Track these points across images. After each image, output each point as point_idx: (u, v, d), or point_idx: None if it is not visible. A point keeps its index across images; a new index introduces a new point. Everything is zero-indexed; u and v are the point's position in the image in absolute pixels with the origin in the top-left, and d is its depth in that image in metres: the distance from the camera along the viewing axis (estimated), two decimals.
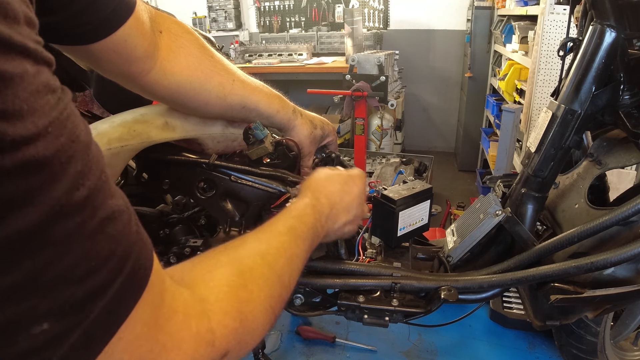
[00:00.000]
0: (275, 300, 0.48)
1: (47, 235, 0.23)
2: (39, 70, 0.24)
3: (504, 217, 0.99)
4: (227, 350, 0.39)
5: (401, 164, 3.00)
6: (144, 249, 0.31)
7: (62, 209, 0.24)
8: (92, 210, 0.26)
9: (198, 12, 4.71)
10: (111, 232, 0.27)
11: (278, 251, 0.53)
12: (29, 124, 0.22)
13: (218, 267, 0.45)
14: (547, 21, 1.97)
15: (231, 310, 0.41)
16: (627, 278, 0.90)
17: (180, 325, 0.34)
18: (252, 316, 0.43)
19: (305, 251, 0.59)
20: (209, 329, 0.37)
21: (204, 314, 0.38)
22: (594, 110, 0.95)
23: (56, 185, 0.23)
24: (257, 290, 0.45)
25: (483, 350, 1.71)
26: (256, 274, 0.47)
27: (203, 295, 0.39)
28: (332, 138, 1.04)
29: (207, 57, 0.77)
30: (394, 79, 3.39)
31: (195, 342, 0.35)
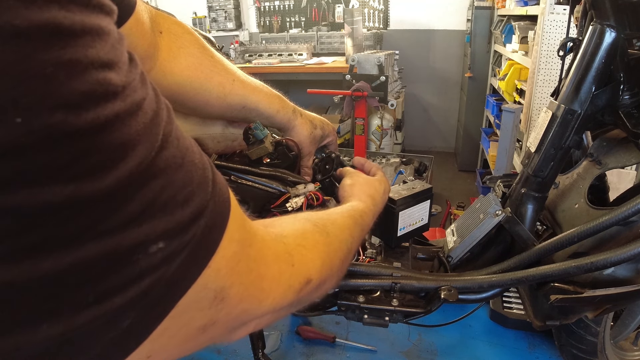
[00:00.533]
0: (344, 257, 0.52)
1: (155, 166, 0.26)
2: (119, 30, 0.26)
3: (504, 217, 0.99)
4: (309, 276, 0.42)
5: (401, 164, 3.00)
6: (219, 176, 0.34)
7: (162, 143, 0.27)
8: (178, 141, 0.29)
9: (198, 12, 4.71)
10: (195, 160, 0.30)
11: (344, 225, 0.58)
12: (127, 72, 0.25)
13: (295, 221, 0.49)
14: (547, 21, 1.97)
15: (307, 245, 0.44)
16: (627, 278, 0.90)
17: (260, 244, 0.38)
18: (327, 255, 0.47)
19: (359, 240, 0.64)
20: (286, 251, 0.41)
21: (279, 240, 0.41)
22: (594, 110, 0.95)
23: (154, 123, 0.26)
24: (331, 240, 0.50)
25: (483, 350, 1.71)
26: (329, 230, 0.51)
27: (278, 232, 0.43)
28: (332, 138, 1.04)
29: (207, 57, 0.77)
30: (394, 79, 3.39)
31: (276, 259, 0.39)
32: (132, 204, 0.24)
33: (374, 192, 0.79)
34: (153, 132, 0.26)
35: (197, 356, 1.69)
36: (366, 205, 0.73)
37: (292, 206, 0.86)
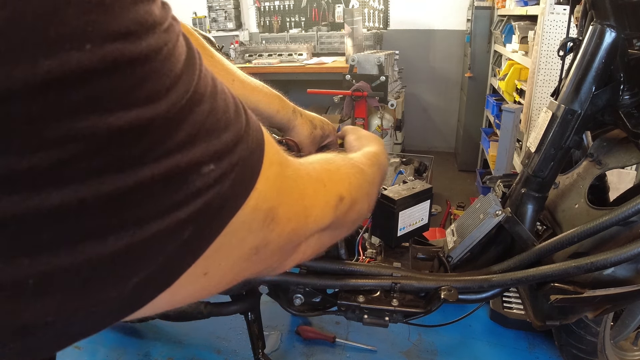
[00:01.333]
0: (369, 186, 0.53)
1: (199, 93, 0.28)
2: None
3: (504, 217, 0.99)
4: (341, 194, 0.44)
5: (401, 164, 3.00)
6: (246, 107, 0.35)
7: (199, 73, 0.28)
8: (207, 73, 0.30)
9: (198, 12, 4.71)
10: (225, 90, 0.32)
11: (362, 159, 0.59)
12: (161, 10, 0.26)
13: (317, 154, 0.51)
14: (547, 21, 1.97)
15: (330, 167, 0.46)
16: (627, 278, 0.90)
17: (295, 166, 0.39)
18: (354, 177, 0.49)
19: (379, 181, 0.64)
20: (316, 172, 0.43)
21: (307, 164, 0.43)
22: (594, 110, 0.95)
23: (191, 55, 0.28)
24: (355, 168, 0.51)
25: (483, 350, 1.71)
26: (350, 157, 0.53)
27: (303, 159, 0.45)
28: (333, 138, 1.04)
29: (206, 57, 0.77)
30: (394, 79, 3.39)
31: (308, 179, 0.41)
32: (184, 128, 0.26)
33: (379, 140, 0.80)
34: (192, 62, 0.28)
35: (198, 356, 1.70)
36: (379, 148, 0.73)
37: None
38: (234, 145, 0.30)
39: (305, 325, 1.81)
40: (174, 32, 0.27)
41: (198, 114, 0.28)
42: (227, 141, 0.30)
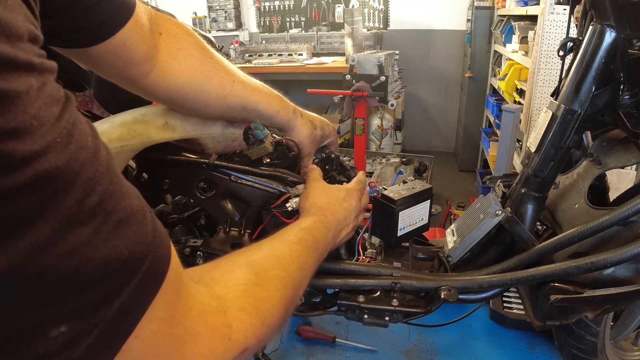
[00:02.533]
0: (289, 301, 0.50)
1: (64, 246, 0.23)
2: (44, 83, 0.24)
3: (504, 217, 0.99)
4: (246, 346, 0.41)
5: (401, 164, 3.00)
6: (161, 247, 0.31)
7: (75, 218, 0.24)
8: (106, 215, 0.26)
9: (198, 12, 4.71)
10: (127, 234, 0.27)
11: (291, 257, 0.56)
12: (38, 138, 0.22)
13: (235, 268, 0.47)
14: (547, 21, 1.97)
15: (248, 307, 0.42)
16: (627, 278, 0.90)
17: (195, 319, 0.36)
18: (269, 313, 0.45)
19: (314, 262, 0.62)
20: (225, 323, 0.39)
21: (220, 309, 0.39)
22: (594, 110, 0.95)
23: (68, 195, 0.24)
24: (274, 289, 0.48)
25: (483, 350, 1.71)
26: (272, 274, 0.49)
27: (220, 294, 0.41)
28: (333, 139, 1.04)
29: (207, 58, 0.77)
30: (394, 79, 3.39)
31: (211, 335, 0.37)
32: (28, 285, 0.22)
33: (326, 202, 0.77)
34: (64, 205, 0.23)
35: None
36: (316, 218, 0.70)
37: (292, 206, 0.86)
38: (103, 303, 0.26)
39: (305, 325, 1.81)
40: (44, 167, 0.22)
41: (56, 268, 0.23)
42: (93, 299, 0.25)
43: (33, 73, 0.23)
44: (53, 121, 0.24)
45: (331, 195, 0.79)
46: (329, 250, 0.73)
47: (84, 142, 0.26)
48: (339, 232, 0.78)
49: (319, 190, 0.80)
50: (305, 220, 0.70)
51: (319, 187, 0.81)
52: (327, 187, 0.82)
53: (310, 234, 0.64)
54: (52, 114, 0.24)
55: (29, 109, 0.22)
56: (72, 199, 0.24)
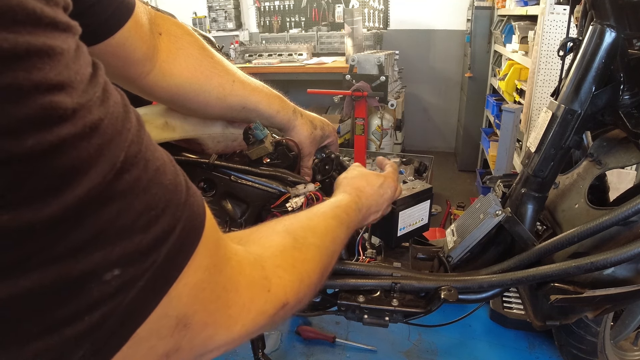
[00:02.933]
0: (324, 267, 0.52)
1: (112, 191, 0.25)
2: (79, 45, 0.26)
3: (504, 217, 0.99)
4: (285, 301, 0.42)
5: (401, 164, 3.00)
6: (196, 197, 0.32)
7: (122, 166, 0.26)
8: (145, 163, 0.27)
9: (198, 12, 4.71)
10: (164, 182, 0.29)
11: (327, 230, 0.58)
12: (82, 93, 0.24)
13: (274, 233, 0.49)
14: (547, 21, 1.97)
15: (286, 266, 0.44)
16: (627, 278, 0.90)
17: (235, 269, 0.37)
18: (307, 274, 0.47)
19: (344, 239, 0.64)
20: (263, 276, 0.40)
21: (258, 263, 0.41)
22: (594, 110, 0.95)
23: (114, 145, 0.25)
24: (310, 254, 0.50)
25: (483, 350, 1.71)
26: (309, 241, 0.51)
27: (257, 252, 0.43)
28: (333, 139, 1.04)
29: (207, 58, 0.77)
30: (394, 79, 3.39)
31: (251, 286, 0.38)
32: (82, 231, 0.23)
33: (364, 185, 0.79)
34: (111, 154, 0.25)
35: None
36: (351, 199, 0.72)
37: (292, 206, 0.86)
38: (152, 248, 0.27)
39: (305, 325, 1.81)
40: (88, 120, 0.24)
41: (105, 213, 0.24)
42: (141, 244, 0.26)
43: (69, 34, 0.25)
44: (89, 79, 0.25)
45: (369, 180, 0.82)
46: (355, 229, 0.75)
47: (118, 98, 0.28)
48: (368, 217, 0.80)
49: (358, 172, 0.83)
50: (342, 198, 0.71)
51: (359, 170, 0.84)
52: (367, 172, 0.84)
53: (345, 212, 0.67)
54: (88, 72, 0.26)
55: (72, 65, 0.24)
56: (118, 149, 0.25)
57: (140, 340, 0.28)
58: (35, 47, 0.22)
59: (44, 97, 0.22)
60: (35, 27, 0.22)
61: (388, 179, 0.85)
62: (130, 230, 0.26)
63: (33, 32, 0.22)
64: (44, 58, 0.22)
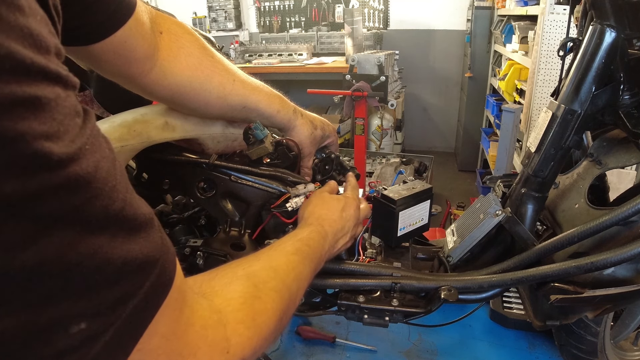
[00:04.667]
0: (284, 312, 0.52)
1: (88, 246, 0.25)
2: (68, 95, 0.26)
3: (504, 217, 0.99)
4: (243, 357, 0.42)
5: (401, 164, 3.00)
6: (168, 254, 0.33)
7: (100, 222, 0.26)
8: (125, 220, 0.28)
9: (198, 12, 4.71)
10: (140, 239, 0.29)
11: (288, 268, 0.57)
12: (69, 143, 0.24)
13: (234, 279, 0.48)
14: (547, 21, 1.97)
15: (246, 320, 0.44)
16: (627, 278, 0.90)
17: (197, 334, 0.37)
18: (265, 325, 0.46)
19: (311, 272, 0.63)
20: (224, 337, 0.40)
21: (220, 323, 0.41)
22: (594, 110, 0.95)
23: (97, 200, 0.26)
24: (270, 302, 0.49)
25: (483, 350, 1.71)
26: (269, 286, 0.51)
27: (220, 307, 0.42)
28: (333, 139, 1.04)
29: (207, 57, 0.77)
30: (394, 79, 3.39)
31: (210, 350, 0.38)
32: (54, 281, 0.23)
33: (325, 212, 0.78)
34: (93, 208, 0.25)
35: None
36: (313, 229, 0.71)
37: (292, 206, 0.86)
38: (120, 303, 0.27)
39: (305, 325, 1.81)
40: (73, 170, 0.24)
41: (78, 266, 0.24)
42: (110, 299, 0.26)
43: (59, 84, 0.25)
44: (78, 130, 0.25)
45: (330, 205, 0.80)
46: (325, 260, 0.74)
47: (105, 152, 0.28)
48: (336, 242, 0.79)
49: (318, 200, 0.81)
50: (302, 230, 0.70)
51: (318, 197, 0.83)
52: (327, 197, 0.83)
53: (306, 244, 0.65)
54: (76, 123, 0.26)
55: (57, 115, 0.24)
56: (100, 205, 0.26)
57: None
58: (21, 97, 0.22)
59: (27, 145, 0.22)
60: (23, 77, 0.22)
61: (349, 200, 0.84)
62: (101, 285, 0.26)
63: (20, 82, 0.22)
64: (29, 108, 0.22)
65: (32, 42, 0.23)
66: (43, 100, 0.23)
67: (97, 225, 0.26)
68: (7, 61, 0.21)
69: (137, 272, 0.29)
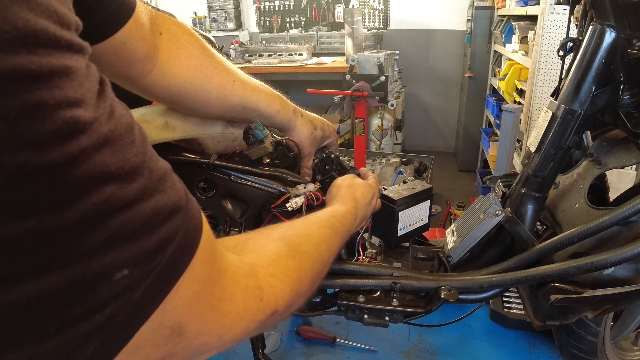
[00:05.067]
0: (317, 275, 0.54)
1: (122, 197, 0.27)
2: (89, 64, 0.28)
3: (504, 217, 0.99)
4: (275, 308, 0.43)
5: (401, 164, 3.00)
6: (194, 206, 0.35)
7: (133, 173, 0.28)
8: (150, 172, 0.30)
9: (198, 12, 4.71)
10: (166, 189, 0.31)
11: (321, 238, 0.59)
12: (95, 107, 0.26)
13: (269, 241, 0.50)
14: (547, 21, 1.97)
15: (278, 274, 0.45)
16: (627, 278, 0.90)
17: (230, 280, 0.39)
18: (298, 282, 0.48)
19: (339, 247, 0.66)
20: (256, 285, 0.42)
21: (251, 273, 0.42)
22: (594, 110, 0.95)
23: (123, 155, 0.28)
24: (303, 262, 0.51)
25: (483, 350, 1.71)
26: (303, 249, 0.53)
27: (252, 261, 0.44)
28: (333, 139, 1.04)
29: (207, 58, 0.77)
30: (394, 79, 3.39)
31: (245, 296, 0.40)
32: (96, 234, 0.25)
33: (359, 196, 0.82)
34: (121, 163, 0.27)
35: None
36: (347, 209, 0.74)
37: (292, 206, 0.86)
38: (157, 250, 0.29)
39: (305, 325, 1.81)
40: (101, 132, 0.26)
41: (117, 218, 0.26)
42: (148, 246, 0.28)
43: (82, 54, 0.27)
44: (98, 95, 0.27)
45: (363, 191, 0.84)
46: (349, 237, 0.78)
47: (122, 112, 0.30)
48: (360, 224, 0.83)
49: (353, 183, 0.86)
50: (339, 208, 0.74)
51: (353, 181, 0.87)
52: (360, 182, 0.87)
53: (340, 222, 0.68)
54: (97, 89, 0.28)
55: (84, 82, 0.26)
56: (126, 159, 0.28)
57: (137, 348, 0.29)
58: (56, 67, 0.24)
59: (65, 113, 0.24)
60: (54, 50, 0.24)
61: (376, 190, 0.90)
62: (138, 234, 0.28)
63: (54, 54, 0.24)
64: (63, 77, 0.24)
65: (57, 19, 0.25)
66: (73, 69, 0.25)
67: (127, 179, 0.27)
68: (42, 35, 0.23)
69: (169, 219, 0.30)
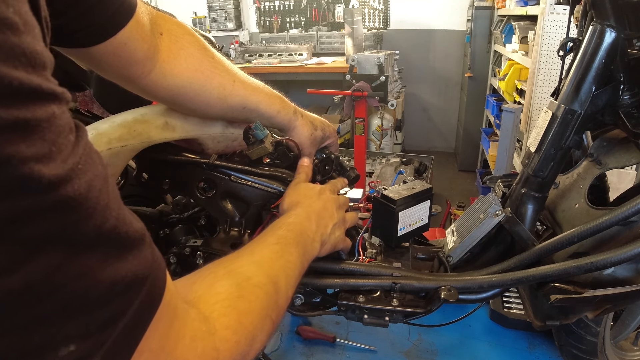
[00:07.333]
0: (272, 308, 0.50)
1: (77, 268, 0.25)
2: (63, 111, 0.25)
3: (504, 217, 0.99)
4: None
5: (401, 164, 3.00)
6: (159, 270, 0.33)
7: (93, 243, 0.25)
8: (117, 239, 0.27)
9: (198, 12, 4.71)
10: (130, 258, 0.29)
11: (272, 259, 0.55)
12: (61, 163, 0.24)
13: (217, 280, 0.47)
14: (547, 21, 1.97)
15: (232, 324, 0.43)
16: (627, 278, 0.90)
17: (186, 347, 0.36)
18: (252, 325, 0.45)
19: (299, 257, 0.62)
20: (213, 347, 0.39)
21: (209, 333, 0.40)
22: (594, 110, 0.95)
23: (89, 221, 0.25)
24: (255, 299, 0.47)
25: (483, 350, 1.71)
26: (252, 282, 0.49)
27: (206, 313, 0.42)
28: (333, 139, 1.04)
29: (207, 58, 0.77)
30: (394, 79, 3.39)
31: (196, 352, 0.37)
32: (42, 304, 0.23)
33: (300, 196, 0.78)
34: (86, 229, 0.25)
35: None
36: (292, 213, 0.71)
37: None
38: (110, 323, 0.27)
39: (305, 325, 1.81)
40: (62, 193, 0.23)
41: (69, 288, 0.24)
42: (100, 319, 0.26)
43: (55, 102, 0.24)
44: (71, 148, 0.25)
45: (306, 189, 0.80)
46: (319, 242, 0.72)
47: (98, 170, 0.27)
48: (325, 222, 0.76)
49: (292, 190, 0.81)
50: (281, 219, 0.69)
51: (292, 187, 0.82)
52: (300, 185, 0.82)
53: (288, 230, 0.64)
54: (69, 141, 0.25)
55: (49, 135, 0.23)
56: (92, 224, 0.25)
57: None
58: (8, 121, 0.21)
59: (15, 169, 0.21)
60: (10, 101, 0.22)
61: (323, 186, 0.85)
62: (91, 305, 0.26)
63: (7, 106, 0.21)
64: (16, 131, 0.22)
65: (25, 61, 0.22)
66: (32, 122, 0.23)
67: (88, 246, 0.25)
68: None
69: (126, 292, 0.28)
